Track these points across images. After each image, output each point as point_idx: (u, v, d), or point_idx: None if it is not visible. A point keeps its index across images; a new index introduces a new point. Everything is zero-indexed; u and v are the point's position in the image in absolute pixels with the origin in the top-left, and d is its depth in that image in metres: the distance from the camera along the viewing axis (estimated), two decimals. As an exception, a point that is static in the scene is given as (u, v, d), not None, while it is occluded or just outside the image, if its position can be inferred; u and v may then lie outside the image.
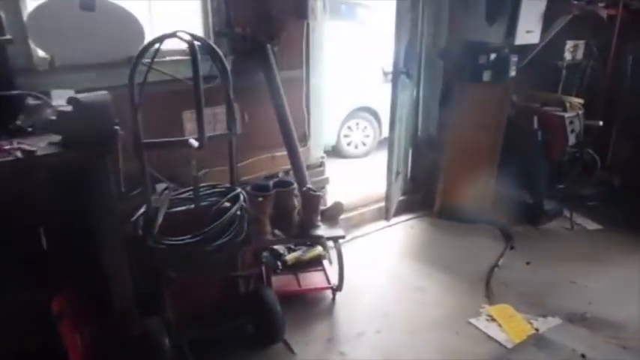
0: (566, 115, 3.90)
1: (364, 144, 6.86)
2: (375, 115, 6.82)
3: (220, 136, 2.66)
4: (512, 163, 4.09)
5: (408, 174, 4.47)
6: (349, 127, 6.74)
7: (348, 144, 6.81)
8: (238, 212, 2.57)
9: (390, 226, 4.13)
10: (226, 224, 2.49)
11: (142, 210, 2.42)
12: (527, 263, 3.59)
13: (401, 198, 4.30)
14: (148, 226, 2.36)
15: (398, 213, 4.27)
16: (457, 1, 3.95)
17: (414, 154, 4.43)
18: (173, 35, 2.21)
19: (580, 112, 3.96)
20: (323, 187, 3.86)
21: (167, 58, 2.87)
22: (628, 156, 4.55)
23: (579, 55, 4.33)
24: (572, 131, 3.89)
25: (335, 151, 6.79)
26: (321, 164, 3.81)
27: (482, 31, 3.87)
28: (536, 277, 3.42)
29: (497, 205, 4.13)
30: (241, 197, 2.62)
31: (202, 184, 2.64)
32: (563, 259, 3.65)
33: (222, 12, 3.04)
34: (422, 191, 4.46)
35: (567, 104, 3.96)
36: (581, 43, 4.33)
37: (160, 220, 2.38)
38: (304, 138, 3.65)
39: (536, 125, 3.96)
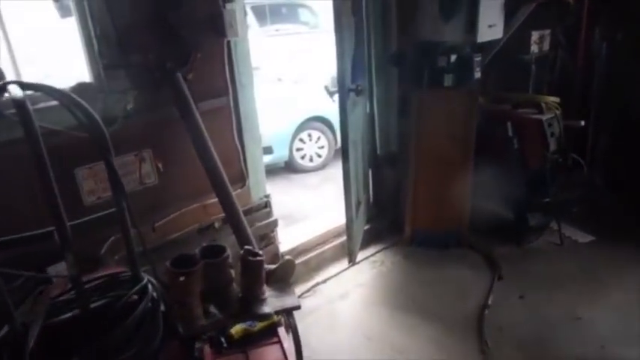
0: (544, 117, 3.35)
1: (319, 156, 6.25)
2: (328, 124, 6.21)
3: (103, 217, 1.93)
4: (487, 175, 3.52)
5: (371, 198, 3.84)
6: (301, 140, 6.11)
7: (302, 157, 6.19)
8: (149, 305, 1.88)
9: (356, 263, 3.49)
10: (131, 329, 1.79)
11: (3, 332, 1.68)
12: (521, 297, 3.03)
13: (365, 227, 3.67)
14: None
15: (364, 245, 3.64)
16: (406, -2, 3.34)
17: (375, 174, 3.80)
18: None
19: (558, 112, 3.42)
20: (272, 231, 3.18)
21: (41, 105, 2.12)
22: (606, 150, 4.07)
23: (546, 46, 3.80)
24: (552, 135, 3.35)
25: (289, 167, 6.16)
26: (267, 204, 3.13)
27: (438, 29, 3.28)
28: (534, 316, 2.85)
29: (476, 225, 3.56)
30: (150, 288, 1.92)
31: (95, 277, 1.92)
32: (559, 286, 3.10)
33: (111, 38, 2.31)
34: (388, 216, 3.84)
35: (543, 105, 3.42)
36: (547, 33, 3.80)
37: (31, 343, 1.65)
38: (241, 177, 2.96)
39: (510, 132, 3.40)
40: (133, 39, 2.36)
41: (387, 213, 3.83)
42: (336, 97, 2.79)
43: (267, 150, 5.85)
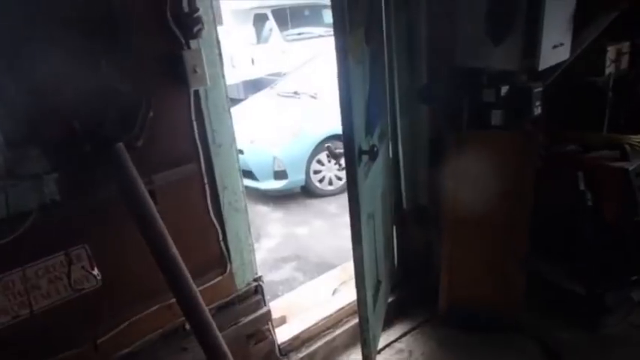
0: (630, 165, 2.44)
1: (339, 178, 5.43)
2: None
3: None
4: (548, 238, 2.66)
5: (395, 260, 3.01)
6: (319, 162, 5.30)
7: (321, 180, 5.40)
8: None
9: (377, 352, 2.69)
10: None
11: None
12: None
13: (389, 299, 2.86)
14: None
15: (387, 323, 2.83)
16: (439, 13, 2.46)
17: (401, 232, 2.97)
18: None
19: (648, 158, 2.50)
20: (265, 324, 2.41)
21: None
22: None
23: (624, 64, 2.86)
24: (640, 190, 2.44)
25: (306, 191, 5.38)
26: (257, 290, 2.36)
27: (484, 53, 2.41)
28: None
29: (532, 302, 2.71)
30: None
31: None
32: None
33: (20, 110, 1.56)
34: (417, 283, 3.01)
35: (626, 147, 2.50)
36: (626, 45, 2.85)
37: None
38: (220, 261, 2.19)
39: (582, 185, 2.51)
40: (50, 107, 1.62)
41: (416, 279, 3.00)
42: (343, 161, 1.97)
43: (281, 175, 5.12)
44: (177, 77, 1.83)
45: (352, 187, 1.90)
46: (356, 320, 2.66)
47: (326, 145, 2.21)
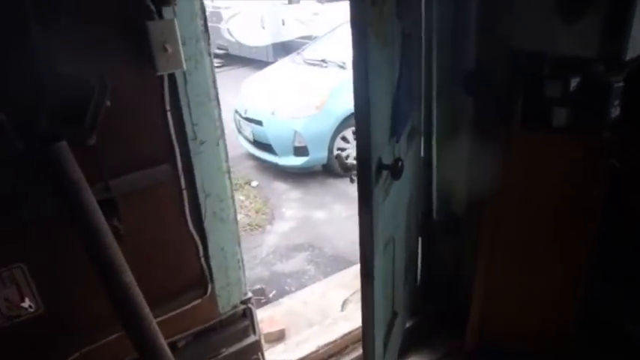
0: None
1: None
2: (378, 120, 4.82)
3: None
4: (618, 266, 2.15)
5: (418, 277, 2.56)
6: (344, 139, 4.81)
7: (345, 159, 4.90)
8: None
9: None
10: None
11: None
12: None
13: (407, 325, 2.42)
14: None
15: (403, 353, 2.40)
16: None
17: (427, 245, 2.49)
18: None
19: None
20: (255, 354, 2.01)
21: None
22: None
23: None
24: None
25: (328, 169, 4.93)
26: (245, 314, 1.95)
27: (551, 32, 1.85)
28: None
29: (588, 336, 2.22)
30: None
31: None
32: None
33: None
34: (442, 306, 2.55)
35: None
36: None
37: None
38: (200, 281, 1.78)
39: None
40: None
41: (440, 301, 2.54)
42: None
43: (301, 151, 4.67)
44: (144, 56, 1.37)
45: (365, 210, 1.44)
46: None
47: (335, 153, 1.74)
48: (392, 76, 1.59)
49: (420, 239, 2.45)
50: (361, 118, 1.36)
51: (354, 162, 1.48)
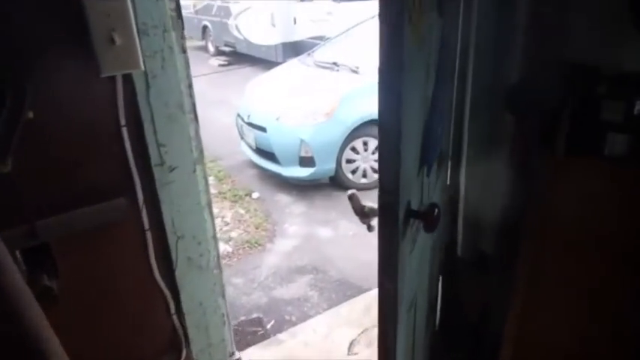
0: None
1: (376, 171, 4.51)
2: (392, 130, 4.42)
3: None
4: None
5: (437, 320, 2.15)
6: (354, 149, 4.41)
7: (353, 171, 4.52)
8: None
9: None
10: None
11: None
12: None
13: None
14: None
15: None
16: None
17: (449, 285, 2.08)
18: None
19: None
20: None
21: None
22: None
23: None
24: None
25: (335, 182, 4.53)
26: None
27: (616, 41, 1.45)
28: None
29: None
30: None
31: None
32: None
33: None
34: (466, 352, 2.15)
35: None
36: None
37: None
38: (173, 343, 1.39)
39: None
40: None
41: (463, 348, 2.13)
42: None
43: (307, 161, 4.27)
44: (84, 50, 0.98)
45: (387, 277, 1.03)
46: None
47: (349, 192, 1.38)
48: (426, 88, 1.18)
49: (440, 278, 2.04)
50: (388, 146, 0.97)
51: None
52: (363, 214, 1.23)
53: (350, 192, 1.19)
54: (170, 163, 1.18)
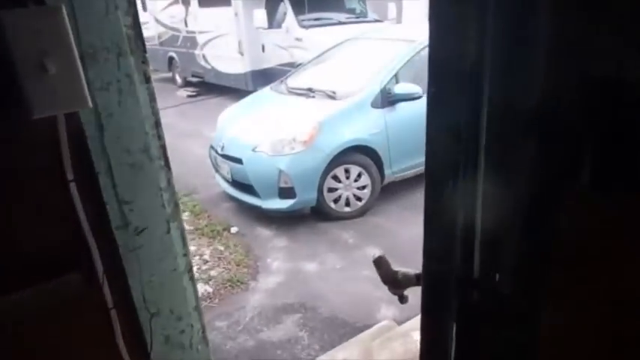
0: None
1: (359, 199, 4.31)
2: (372, 155, 4.25)
3: None
4: None
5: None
6: (335, 178, 4.17)
7: (336, 200, 4.27)
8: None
9: None
10: None
11: None
12: None
13: None
14: None
15: None
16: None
17: (463, 332, 1.82)
18: None
19: None
20: None
21: None
22: None
23: None
24: None
25: (317, 212, 4.27)
26: None
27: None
28: None
29: None
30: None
31: None
32: None
33: None
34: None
35: None
36: None
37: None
38: None
39: None
40: None
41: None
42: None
43: (287, 192, 4.01)
44: (10, 83, 0.71)
45: (436, 354, 0.77)
46: None
47: (375, 256, 1.11)
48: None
49: (454, 326, 1.78)
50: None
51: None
52: (394, 282, 0.96)
53: (376, 255, 0.93)
54: (137, 224, 0.90)
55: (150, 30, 11.67)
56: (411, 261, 0.95)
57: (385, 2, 8.95)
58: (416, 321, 2.66)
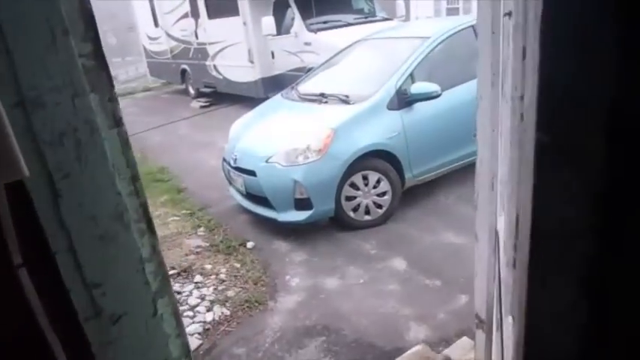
0: None
1: (379, 206, 4.06)
2: (391, 159, 4.01)
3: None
4: None
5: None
6: (353, 185, 3.94)
7: (355, 209, 4.04)
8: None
9: None
10: None
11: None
12: None
13: None
14: None
15: None
16: None
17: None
18: None
19: None
20: None
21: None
22: None
23: None
24: None
25: (337, 221, 4.05)
26: None
27: None
28: None
29: None
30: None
31: None
32: None
33: None
34: None
35: None
36: None
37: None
38: None
39: None
40: None
41: None
42: None
43: (304, 204, 3.80)
44: None
45: None
46: None
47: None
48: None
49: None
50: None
51: None
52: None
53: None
54: (112, 311, 0.68)
55: (162, 44, 11.60)
56: (439, 271, 0.72)
57: (393, 0, 8.67)
58: (456, 347, 2.41)
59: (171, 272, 3.77)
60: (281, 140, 3.98)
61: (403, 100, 3.92)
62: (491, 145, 1.08)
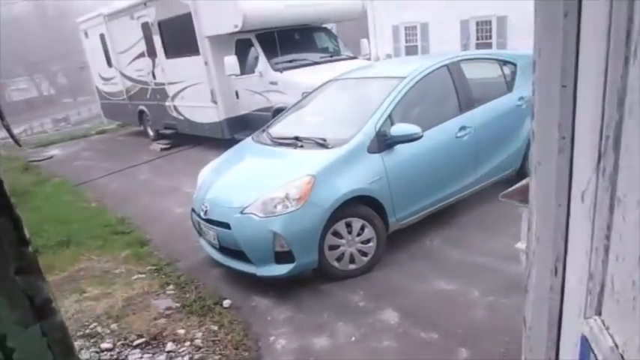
0: None
1: (364, 254, 3.84)
2: (374, 205, 3.83)
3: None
4: None
5: None
6: (336, 234, 3.70)
7: (339, 259, 3.80)
8: None
9: None
10: None
11: None
12: None
13: None
14: None
15: None
16: None
17: None
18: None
19: None
20: None
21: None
22: None
23: None
24: None
25: (320, 272, 3.78)
26: None
27: None
28: None
29: None
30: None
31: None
32: None
33: None
34: None
35: None
36: None
37: None
38: None
39: None
40: None
41: None
42: None
43: (285, 257, 3.53)
44: None
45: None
46: None
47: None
48: None
49: None
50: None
51: None
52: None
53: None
54: None
55: (117, 85, 11.21)
56: (435, 322, 0.51)
57: (357, 39, 8.75)
58: None
59: (138, 341, 3.36)
60: (256, 189, 3.72)
61: (383, 142, 3.78)
62: (556, 221, 0.90)
